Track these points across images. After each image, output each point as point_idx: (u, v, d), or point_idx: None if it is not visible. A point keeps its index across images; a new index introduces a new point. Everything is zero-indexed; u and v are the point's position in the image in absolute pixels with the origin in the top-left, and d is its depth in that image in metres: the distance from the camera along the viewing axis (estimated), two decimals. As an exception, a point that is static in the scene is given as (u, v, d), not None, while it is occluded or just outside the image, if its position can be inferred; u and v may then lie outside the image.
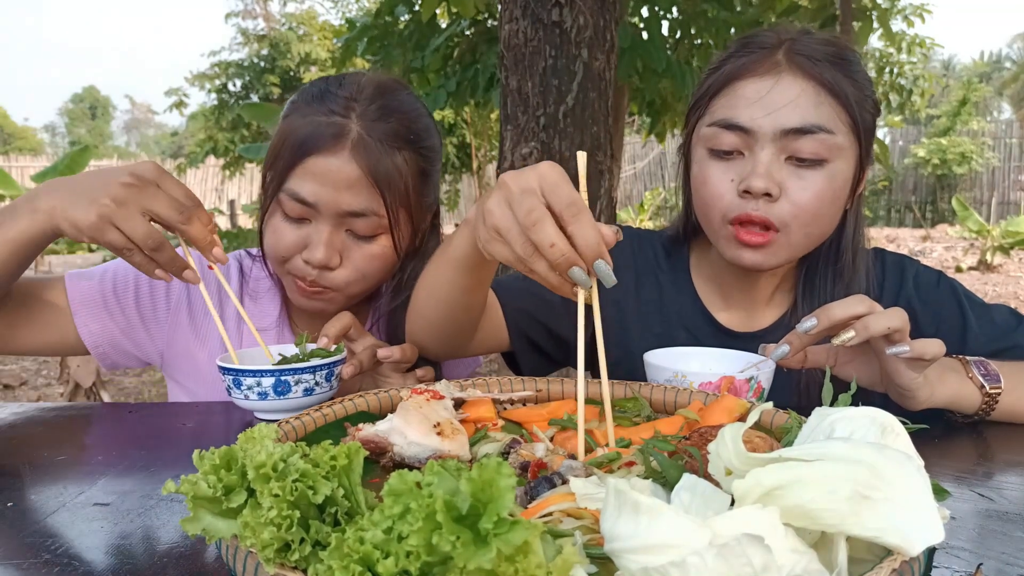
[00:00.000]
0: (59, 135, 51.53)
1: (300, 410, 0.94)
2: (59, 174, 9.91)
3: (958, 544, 0.61)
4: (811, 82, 1.03)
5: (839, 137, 1.03)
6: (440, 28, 5.10)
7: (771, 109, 1.03)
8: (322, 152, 1.08)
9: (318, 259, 1.10)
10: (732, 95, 1.07)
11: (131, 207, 0.91)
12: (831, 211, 1.07)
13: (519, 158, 3.44)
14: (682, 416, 0.79)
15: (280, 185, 1.10)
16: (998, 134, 18.54)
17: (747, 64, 1.07)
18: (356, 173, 1.08)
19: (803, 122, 1.02)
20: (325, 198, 1.08)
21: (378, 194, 1.10)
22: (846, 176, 1.07)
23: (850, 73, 1.05)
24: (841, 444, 0.46)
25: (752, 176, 1.03)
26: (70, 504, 0.69)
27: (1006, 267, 10.14)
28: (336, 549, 0.42)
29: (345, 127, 1.09)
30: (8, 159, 16.76)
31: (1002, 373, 0.98)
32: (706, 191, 1.09)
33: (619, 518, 0.43)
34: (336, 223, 1.11)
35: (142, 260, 0.94)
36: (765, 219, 1.04)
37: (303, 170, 1.08)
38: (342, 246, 1.12)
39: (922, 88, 10.00)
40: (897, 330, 0.88)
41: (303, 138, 1.09)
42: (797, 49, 1.05)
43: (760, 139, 1.04)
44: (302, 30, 15.73)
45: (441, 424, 0.73)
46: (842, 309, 0.89)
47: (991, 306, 1.17)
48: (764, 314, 1.22)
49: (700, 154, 1.11)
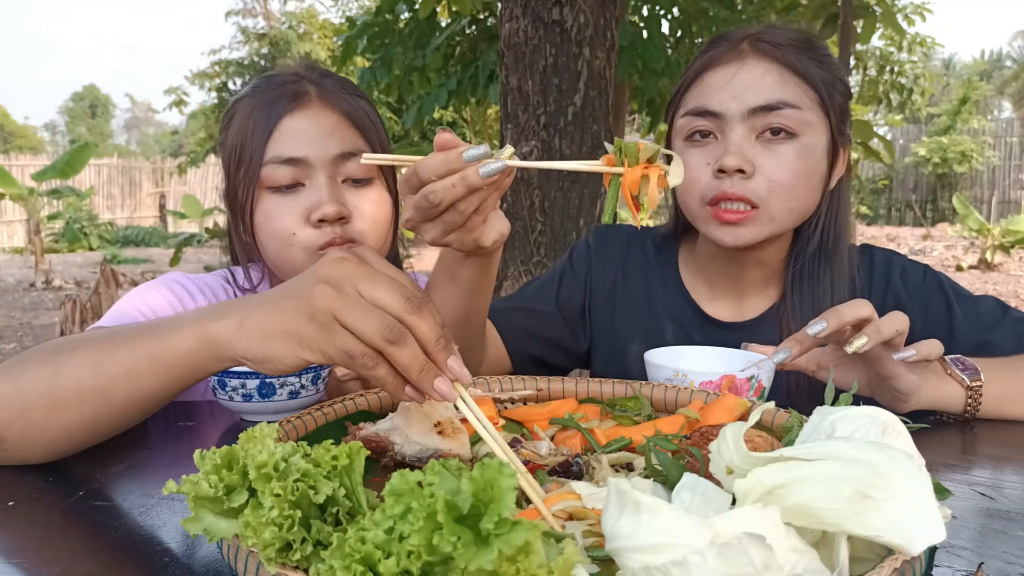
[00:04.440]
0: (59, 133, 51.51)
1: (285, 413, 0.94)
2: (59, 172, 9.91)
3: (959, 543, 0.61)
4: (774, 63, 1.08)
5: (806, 113, 1.07)
6: (440, 26, 5.09)
7: (737, 91, 1.07)
8: (292, 112, 1.08)
9: (331, 212, 1.05)
10: (701, 85, 1.12)
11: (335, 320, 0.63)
12: (808, 185, 1.10)
13: (519, 156, 3.43)
14: (683, 415, 0.79)
15: (260, 164, 1.07)
16: (999, 133, 18.53)
17: (713, 56, 1.12)
18: (333, 118, 1.09)
19: (768, 100, 1.06)
20: (313, 148, 1.07)
21: (359, 134, 1.11)
22: (819, 151, 1.10)
23: (816, 57, 1.09)
24: (842, 443, 0.46)
25: (725, 155, 1.06)
26: (71, 503, 0.69)
27: (1006, 266, 10.13)
28: (337, 549, 0.42)
29: (302, 87, 1.11)
30: (8, 158, 16.75)
31: (981, 367, 0.98)
32: (685, 177, 1.10)
33: (620, 517, 0.43)
34: (331, 173, 1.08)
35: (387, 372, 0.62)
36: (741, 195, 1.07)
37: (279, 135, 1.07)
38: (344, 199, 1.09)
39: (923, 87, 9.99)
40: (901, 333, 0.88)
41: (267, 110, 1.08)
42: (761, 37, 1.10)
43: (729, 121, 1.08)
44: (302, 28, 15.72)
45: (442, 423, 0.73)
46: (850, 312, 0.88)
47: (977, 298, 1.18)
48: (752, 304, 1.23)
49: (679, 146, 1.15)
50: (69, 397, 0.73)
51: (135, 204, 18.45)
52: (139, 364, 0.71)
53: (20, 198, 10.36)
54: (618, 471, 0.67)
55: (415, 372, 0.60)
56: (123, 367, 0.72)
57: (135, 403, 0.74)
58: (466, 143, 0.73)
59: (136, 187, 18.60)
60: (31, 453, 0.76)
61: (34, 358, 0.76)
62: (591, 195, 3.48)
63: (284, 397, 0.95)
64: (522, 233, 3.53)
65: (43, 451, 0.76)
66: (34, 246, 10.16)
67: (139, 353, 0.71)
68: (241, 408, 0.96)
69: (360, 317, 0.60)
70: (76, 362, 0.73)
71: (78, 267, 10.82)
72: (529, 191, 3.44)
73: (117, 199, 18.12)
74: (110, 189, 17.93)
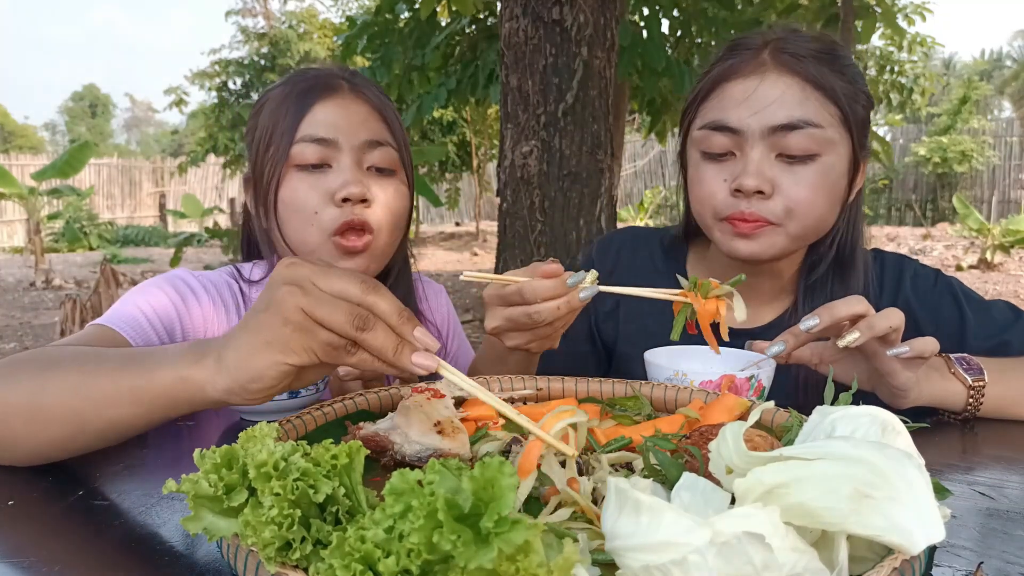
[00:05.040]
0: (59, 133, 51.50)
1: (285, 412, 0.94)
2: (59, 171, 9.88)
3: (959, 543, 0.61)
4: (796, 78, 1.04)
5: (828, 131, 1.04)
6: (440, 26, 5.09)
7: (757, 108, 1.04)
8: (324, 100, 1.12)
9: (356, 192, 1.08)
10: (720, 97, 1.08)
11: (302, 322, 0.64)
12: (827, 204, 1.08)
13: (519, 156, 3.44)
14: (683, 415, 0.79)
15: (291, 142, 1.11)
16: (999, 132, 18.52)
17: (733, 66, 1.08)
18: (364, 109, 1.14)
19: (789, 118, 1.02)
20: (343, 133, 1.11)
21: (386, 127, 1.16)
22: (840, 169, 1.07)
23: (838, 68, 1.06)
24: (842, 443, 0.46)
25: (743, 175, 1.04)
26: (70, 502, 0.69)
27: (1006, 266, 10.13)
28: (337, 548, 0.42)
29: (334, 80, 1.15)
30: (8, 157, 16.76)
31: (986, 367, 0.98)
32: (700, 191, 1.11)
33: (620, 517, 0.43)
34: (357, 158, 1.12)
35: (368, 356, 0.65)
36: (759, 216, 1.05)
37: (311, 118, 1.11)
38: (368, 183, 1.13)
39: (923, 87, 9.99)
40: (896, 330, 0.88)
41: (301, 96, 1.12)
42: (782, 47, 1.06)
43: (749, 138, 1.05)
44: (302, 28, 15.71)
45: (442, 423, 0.73)
46: (844, 308, 0.89)
47: (990, 302, 1.17)
48: (764, 311, 1.22)
49: (695, 157, 1.12)
50: (49, 415, 0.73)
51: (135, 204, 18.46)
52: (120, 395, 0.72)
53: (20, 197, 10.36)
54: (617, 470, 0.67)
55: (391, 353, 0.63)
56: (104, 396, 0.72)
57: (113, 430, 0.75)
58: (568, 271, 0.89)
59: (136, 187, 18.60)
60: (7, 456, 0.77)
61: (22, 369, 0.77)
62: (591, 195, 3.48)
63: (283, 397, 0.95)
64: (522, 233, 3.53)
65: (20, 457, 0.77)
66: (34, 245, 10.16)
67: (121, 385, 0.72)
68: (240, 407, 0.96)
69: (329, 310, 0.62)
70: (59, 382, 0.74)
71: (78, 267, 10.82)
72: (529, 191, 3.44)
73: (117, 199, 18.13)
74: (110, 189, 17.93)
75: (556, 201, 3.43)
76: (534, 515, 0.55)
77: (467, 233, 15.69)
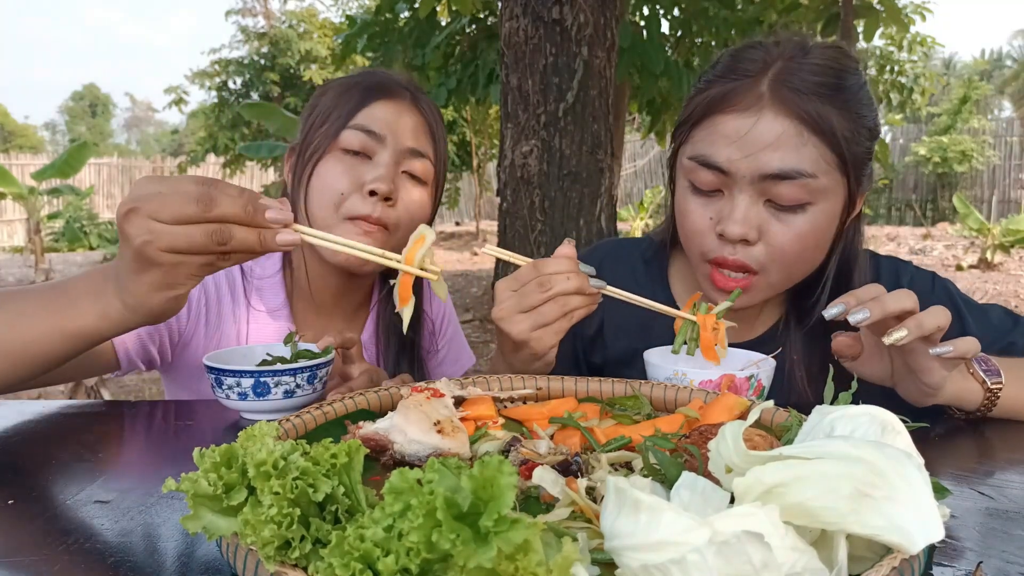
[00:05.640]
0: (59, 133, 51.51)
1: (284, 412, 0.94)
2: (58, 171, 9.89)
3: (959, 543, 0.61)
4: (794, 120, 0.97)
5: (822, 179, 0.98)
6: (440, 25, 5.09)
7: (750, 151, 0.98)
8: (385, 100, 1.19)
9: (384, 188, 1.13)
10: (712, 129, 1.02)
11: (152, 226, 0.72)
12: (814, 252, 1.05)
13: (519, 156, 3.44)
14: (682, 414, 0.79)
15: (344, 126, 1.16)
16: (999, 132, 18.53)
17: (729, 96, 1.01)
18: (418, 119, 1.21)
19: (782, 168, 0.97)
20: (392, 133, 1.17)
21: (431, 144, 1.23)
22: (831, 214, 1.03)
23: (842, 102, 0.99)
24: (841, 442, 0.46)
25: (728, 221, 1.01)
26: (71, 501, 0.69)
27: (1006, 265, 10.13)
28: (336, 547, 0.42)
29: (399, 86, 1.22)
30: (8, 157, 16.77)
31: (1002, 368, 0.98)
32: (687, 225, 1.08)
33: (619, 516, 0.43)
34: (396, 159, 1.17)
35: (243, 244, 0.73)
36: (743, 263, 1.03)
37: (368, 111, 1.17)
38: (399, 184, 1.18)
39: (923, 86, 9.99)
40: (942, 329, 0.87)
41: (365, 91, 1.18)
42: (784, 79, 0.99)
43: (738, 181, 1.00)
44: (302, 27, 15.72)
45: (441, 422, 0.73)
46: (894, 303, 0.86)
47: (986, 306, 1.17)
48: (753, 325, 1.21)
49: (683, 183, 1.09)
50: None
51: (135, 203, 18.40)
52: (48, 334, 0.81)
53: (20, 197, 10.35)
54: (617, 470, 0.67)
55: (257, 245, 0.72)
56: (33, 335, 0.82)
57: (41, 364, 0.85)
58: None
59: (136, 186, 18.55)
60: None
61: None
62: (591, 195, 3.48)
63: (279, 396, 0.95)
64: (522, 232, 3.53)
65: None
66: (34, 245, 10.16)
67: (48, 324, 0.81)
68: (238, 406, 0.96)
69: (187, 242, 0.70)
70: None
71: (78, 266, 10.82)
72: (529, 191, 3.44)
73: (117, 198, 18.10)
74: (110, 188, 17.93)
75: (556, 201, 3.43)
76: (533, 514, 0.55)
77: (467, 233, 15.70)
